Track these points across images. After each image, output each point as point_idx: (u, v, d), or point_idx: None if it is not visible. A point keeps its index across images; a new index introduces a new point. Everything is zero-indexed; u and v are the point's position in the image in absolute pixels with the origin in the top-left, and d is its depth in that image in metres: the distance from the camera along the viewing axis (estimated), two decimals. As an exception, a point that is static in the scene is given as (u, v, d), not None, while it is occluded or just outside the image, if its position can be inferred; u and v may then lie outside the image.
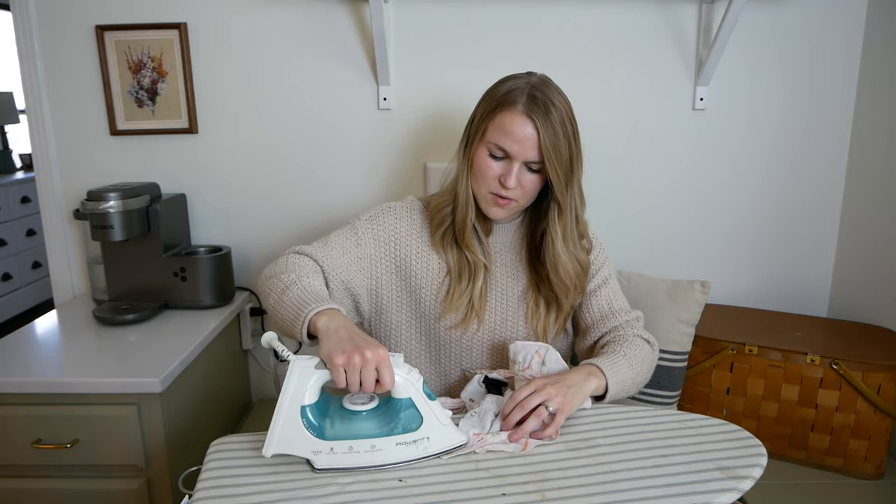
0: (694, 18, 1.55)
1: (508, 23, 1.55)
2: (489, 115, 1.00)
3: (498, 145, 0.98)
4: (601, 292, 1.10)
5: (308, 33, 1.55)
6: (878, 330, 1.51)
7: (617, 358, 0.99)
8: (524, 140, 0.97)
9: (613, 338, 1.06)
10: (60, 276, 1.66)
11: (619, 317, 1.08)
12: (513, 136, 0.97)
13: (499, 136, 0.98)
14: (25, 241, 3.18)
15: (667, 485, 0.73)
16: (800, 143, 1.63)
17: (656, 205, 1.67)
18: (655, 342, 1.08)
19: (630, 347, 1.02)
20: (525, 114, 0.97)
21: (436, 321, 1.07)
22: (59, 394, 1.14)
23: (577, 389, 0.90)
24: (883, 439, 1.34)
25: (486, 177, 1.00)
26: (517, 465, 0.78)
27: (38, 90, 1.56)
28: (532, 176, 1.01)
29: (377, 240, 1.07)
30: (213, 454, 0.81)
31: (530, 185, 1.01)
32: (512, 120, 0.97)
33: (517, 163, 0.99)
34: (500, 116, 0.98)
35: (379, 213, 1.10)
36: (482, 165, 1.01)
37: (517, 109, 0.97)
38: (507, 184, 0.99)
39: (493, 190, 1.01)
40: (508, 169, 0.99)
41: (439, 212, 1.08)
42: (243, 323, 1.65)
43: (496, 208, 1.03)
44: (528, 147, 0.97)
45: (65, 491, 1.19)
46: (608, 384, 0.95)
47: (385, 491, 0.73)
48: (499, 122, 0.98)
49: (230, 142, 1.61)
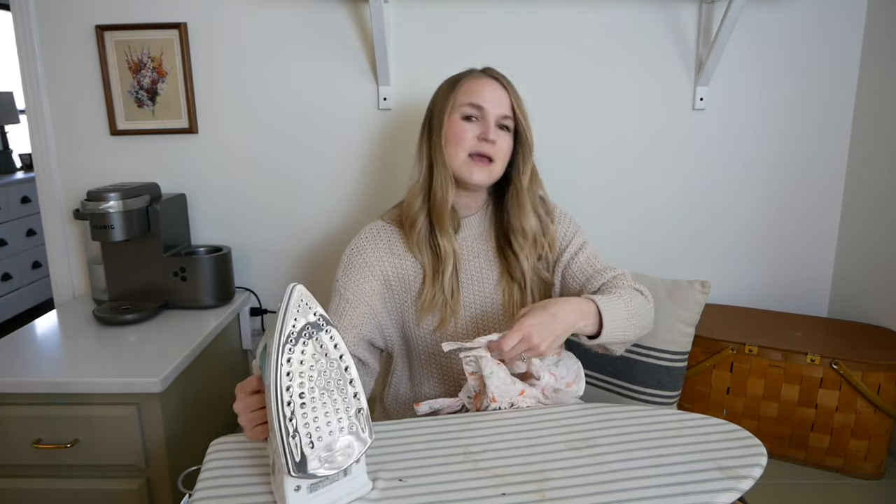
0: (694, 18, 1.55)
1: (508, 23, 1.55)
2: (452, 91, 1.05)
3: (472, 104, 1.03)
4: (580, 257, 1.11)
5: (308, 33, 1.55)
6: (878, 330, 1.51)
7: (612, 297, 0.99)
8: (494, 96, 1.04)
9: (602, 290, 1.06)
10: (60, 276, 1.66)
11: (605, 274, 1.08)
12: (483, 93, 1.04)
13: (470, 97, 1.04)
14: (25, 241, 3.18)
15: (666, 484, 0.73)
16: (800, 142, 1.63)
17: (655, 204, 1.67)
18: (649, 293, 1.08)
19: (624, 291, 1.03)
20: (489, 76, 1.07)
21: (416, 328, 1.09)
22: (59, 394, 1.14)
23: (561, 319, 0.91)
24: (883, 439, 1.34)
25: (463, 139, 1.03)
26: (517, 465, 0.78)
27: (38, 90, 1.56)
28: (504, 134, 1.06)
29: (359, 285, 1.07)
30: (213, 454, 0.81)
31: (504, 144, 1.06)
32: (479, 82, 1.05)
33: (491, 117, 1.03)
34: (466, 84, 1.05)
35: (347, 260, 1.10)
36: (458, 130, 1.04)
37: (480, 75, 1.07)
38: (488, 136, 1.02)
39: (472, 150, 1.03)
40: (485, 124, 1.03)
41: (411, 206, 1.08)
42: (243, 323, 1.65)
43: (477, 169, 1.04)
44: (499, 102, 1.04)
45: (65, 491, 1.19)
46: (602, 318, 0.95)
47: (385, 491, 0.73)
48: (465, 89, 1.05)
49: (230, 142, 1.61)
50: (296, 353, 0.66)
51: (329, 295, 1.06)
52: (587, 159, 1.64)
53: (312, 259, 1.68)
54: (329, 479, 0.69)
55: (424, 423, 0.88)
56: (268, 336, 0.68)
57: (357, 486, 0.72)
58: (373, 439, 0.71)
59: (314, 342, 0.68)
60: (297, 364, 0.66)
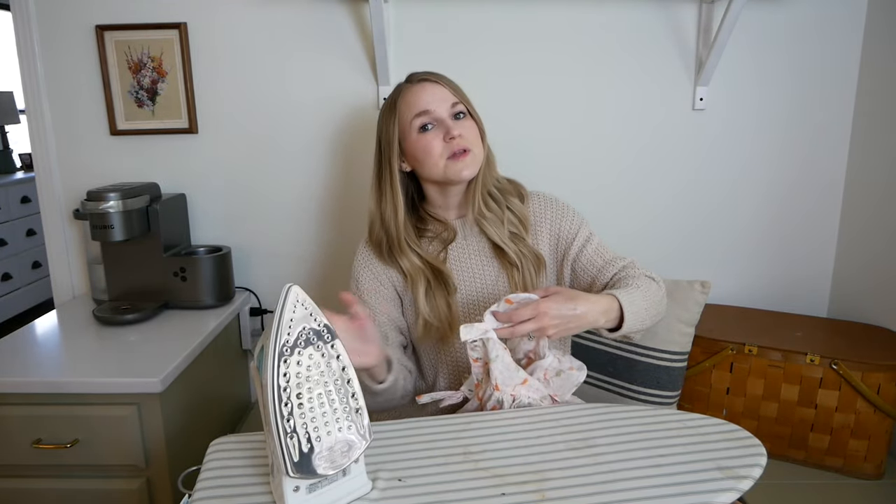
0: (694, 18, 1.55)
1: (508, 23, 1.55)
2: (393, 110, 1.07)
3: (420, 112, 1.04)
4: (588, 249, 1.12)
5: (308, 33, 1.55)
6: (878, 330, 1.51)
7: (631, 290, 1.00)
8: (434, 96, 1.05)
9: (617, 281, 1.07)
10: (60, 276, 1.66)
11: (616, 264, 1.10)
12: (422, 98, 1.04)
13: (414, 108, 1.04)
14: (25, 241, 3.18)
15: (666, 484, 0.73)
16: (800, 142, 1.63)
17: (655, 204, 1.67)
18: (659, 278, 1.10)
19: (639, 281, 1.04)
20: (417, 81, 1.07)
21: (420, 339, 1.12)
22: (59, 394, 1.14)
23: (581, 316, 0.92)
24: (883, 439, 1.34)
25: (433, 148, 1.04)
26: (517, 465, 0.78)
27: (38, 90, 1.56)
28: (463, 122, 1.06)
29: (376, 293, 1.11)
30: (213, 454, 0.81)
31: (468, 129, 1.06)
32: (413, 91, 1.06)
33: (445, 116, 1.04)
34: (403, 100, 1.06)
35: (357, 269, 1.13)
36: (422, 144, 1.04)
37: (408, 85, 1.08)
38: (453, 132, 1.03)
39: (446, 154, 1.04)
40: (444, 126, 1.04)
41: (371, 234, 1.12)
42: (243, 323, 1.65)
43: (462, 164, 1.04)
44: (440, 98, 1.05)
45: (65, 491, 1.19)
46: (624, 313, 0.96)
47: (385, 491, 0.73)
48: (405, 103, 1.05)
49: (230, 142, 1.61)
50: (293, 354, 0.66)
51: (329, 293, 1.06)
52: (587, 159, 1.64)
53: (312, 259, 1.68)
54: (328, 480, 0.69)
55: (424, 423, 0.88)
56: (265, 337, 0.68)
57: (356, 486, 0.72)
58: (372, 439, 0.71)
59: (311, 342, 0.68)
60: (294, 364, 0.66)
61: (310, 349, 0.67)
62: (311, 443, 0.66)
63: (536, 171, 1.38)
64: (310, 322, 0.68)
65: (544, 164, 1.62)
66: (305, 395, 0.66)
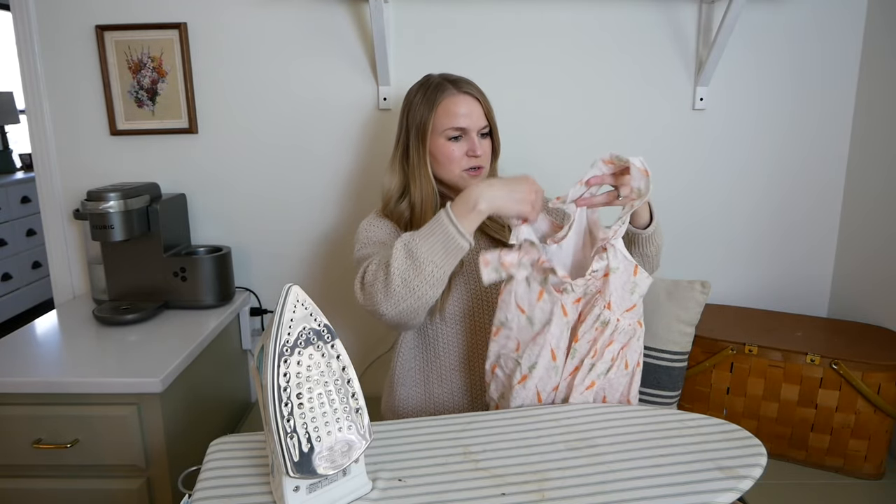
0: (694, 18, 1.55)
1: (508, 23, 1.55)
2: (430, 112, 1.11)
3: (454, 127, 1.11)
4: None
5: (308, 33, 1.55)
6: (878, 330, 1.51)
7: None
8: (472, 113, 1.12)
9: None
10: (60, 276, 1.66)
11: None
12: (462, 113, 1.11)
13: (450, 119, 1.11)
14: (25, 241, 3.18)
15: (666, 484, 0.73)
16: (800, 142, 1.63)
17: (655, 204, 1.66)
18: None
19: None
20: (462, 92, 1.12)
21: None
22: (59, 394, 1.14)
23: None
24: (883, 439, 1.34)
25: (454, 160, 1.12)
26: (517, 465, 0.78)
27: (38, 90, 1.56)
28: (485, 141, 1.15)
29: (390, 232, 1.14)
30: (213, 454, 0.81)
31: (487, 149, 1.15)
32: (455, 102, 1.11)
33: (474, 133, 1.12)
34: (443, 105, 1.11)
35: (368, 225, 1.16)
36: (447, 153, 1.12)
37: (454, 92, 1.12)
38: (477, 152, 1.11)
39: (464, 167, 1.12)
40: (471, 141, 1.12)
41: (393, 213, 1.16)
42: (243, 323, 1.65)
43: (474, 181, 1.11)
44: (477, 116, 1.12)
45: (65, 491, 1.19)
46: (652, 212, 1.11)
47: (385, 491, 0.73)
48: (443, 110, 1.11)
49: (230, 142, 1.61)
50: (293, 354, 0.66)
51: (329, 293, 1.06)
52: (587, 159, 1.63)
53: (312, 259, 1.68)
54: (328, 479, 0.69)
55: (424, 423, 0.88)
56: (265, 337, 0.68)
57: (356, 486, 0.72)
58: (372, 439, 0.71)
59: (311, 342, 0.68)
60: (294, 364, 0.66)
61: (310, 349, 0.67)
62: (311, 443, 0.66)
63: (536, 171, 1.37)
64: (310, 322, 0.68)
65: (544, 164, 1.61)
66: (305, 395, 0.66)
